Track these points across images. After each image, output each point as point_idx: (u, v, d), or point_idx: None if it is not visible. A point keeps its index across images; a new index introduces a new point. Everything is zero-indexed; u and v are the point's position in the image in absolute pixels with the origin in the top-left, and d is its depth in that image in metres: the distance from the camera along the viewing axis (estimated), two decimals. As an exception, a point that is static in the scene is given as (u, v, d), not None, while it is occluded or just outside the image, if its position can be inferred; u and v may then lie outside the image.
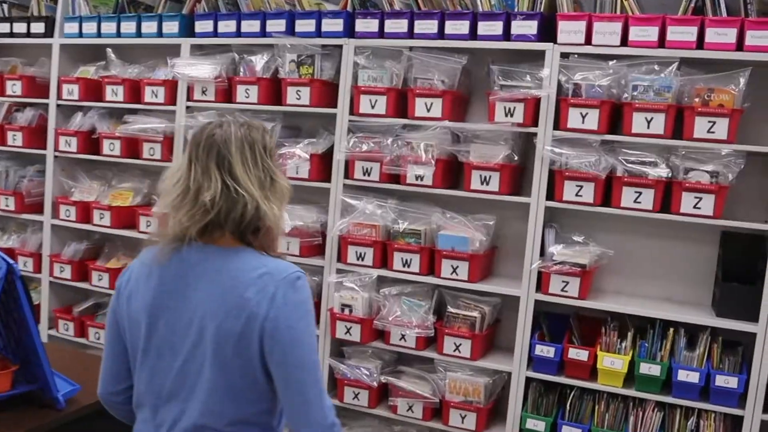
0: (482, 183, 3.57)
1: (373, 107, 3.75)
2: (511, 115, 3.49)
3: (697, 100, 3.24)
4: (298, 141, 3.96)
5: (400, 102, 3.78)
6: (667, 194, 3.32)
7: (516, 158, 3.56)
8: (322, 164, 3.94)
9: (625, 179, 3.33)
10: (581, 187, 3.40)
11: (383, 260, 3.78)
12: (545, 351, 3.48)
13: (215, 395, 1.66)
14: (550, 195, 3.49)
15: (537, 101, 3.45)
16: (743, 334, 3.31)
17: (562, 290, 3.45)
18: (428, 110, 3.64)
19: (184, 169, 1.70)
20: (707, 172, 3.23)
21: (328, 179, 3.91)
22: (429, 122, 3.63)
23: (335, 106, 3.85)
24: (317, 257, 3.99)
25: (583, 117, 3.37)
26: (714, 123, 3.20)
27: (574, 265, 3.38)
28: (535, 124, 3.47)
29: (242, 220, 1.67)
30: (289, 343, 1.64)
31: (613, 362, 3.37)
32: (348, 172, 3.84)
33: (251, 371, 1.67)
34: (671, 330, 3.35)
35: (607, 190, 3.41)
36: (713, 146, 3.21)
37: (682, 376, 3.28)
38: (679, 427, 3.33)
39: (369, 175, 3.79)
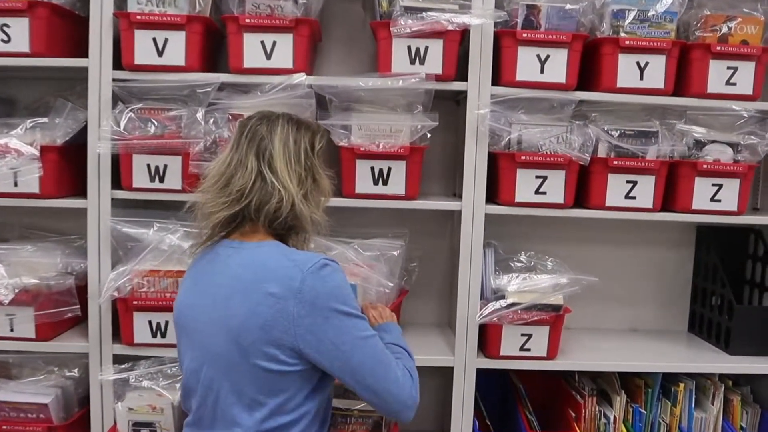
0: (376, 181, 2.08)
1: (160, 54, 2.02)
2: (421, 62, 2.03)
3: (710, 33, 2.08)
4: (13, 124, 2.07)
5: (214, 43, 2.12)
6: (669, 182, 2.15)
7: (429, 136, 2.12)
8: (67, 165, 2.12)
9: (615, 163, 2.08)
10: (544, 178, 2.08)
11: (203, 329, 2.10)
12: (502, 450, 2.15)
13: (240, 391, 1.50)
14: (492, 194, 2.13)
15: (463, 37, 2.04)
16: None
17: (522, 348, 2.12)
18: (268, 56, 2.03)
19: (225, 153, 1.61)
20: (729, 145, 2.11)
21: (81, 192, 2.11)
22: (271, 77, 2.03)
23: (85, 55, 2.04)
24: (73, 338, 2.17)
25: (543, 63, 2.03)
26: (735, 70, 2.08)
27: (545, 308, 2.06)
28: (464, 76, 2.06)
29: (276, 215, 1.55)
30: (328, 348, 1.47)
31: (606, 451, 2.15)
32: (120, 177, 2.08)
33: (275, 365, 1.47)
34: (681, 386, 2.22)
35: (580, 180, 2.14)
36: (733, 105, 2.10)
37: (705, 455, 2.18)
38: None
39: (162, 179, 2.07)
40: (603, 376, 2.29)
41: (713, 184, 2.11)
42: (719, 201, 2.12)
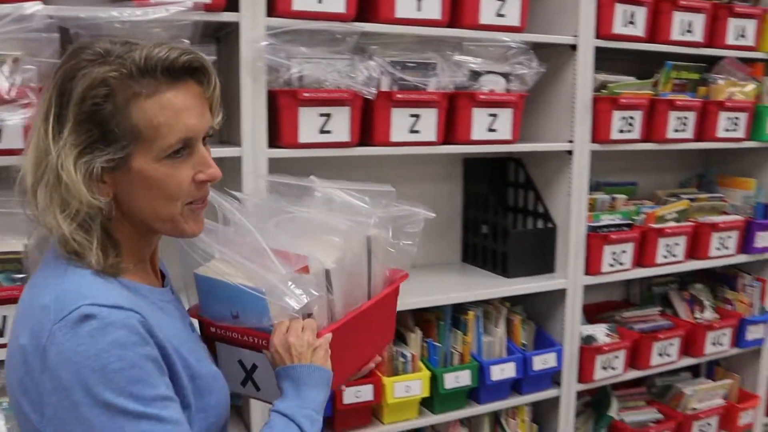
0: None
1: None
2: (185, -10, 1.78)
3: (479, -38, 2.09)
4: None
5: None
6: (450, 114, 2.15)
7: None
8: None
9: (398, 96, 2.01)
10: (329, 116, 1.95)
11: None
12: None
13: None
14: (274, 136, 1.96)
15: (231, -40, 1.82)
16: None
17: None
18: (-10, -19, 1.64)
19: None
20: (502, 75, 2.15)
21: None
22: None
23: None
24: None
25: (320, -10, 1.89)
26: (504, 1, 2.11)
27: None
28: (235, 6, 1.84)
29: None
30: None
31: (409, 388, 2.15)
32: None
33: None
34: (470, 314, 2.28)
35: (363, 117, 2.05)
36: (503, 36, 2.14)
37: (497, 373, 2.27)
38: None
39: None
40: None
41: (489, 114, 2.15)
42: (495, 131, 2.17)
